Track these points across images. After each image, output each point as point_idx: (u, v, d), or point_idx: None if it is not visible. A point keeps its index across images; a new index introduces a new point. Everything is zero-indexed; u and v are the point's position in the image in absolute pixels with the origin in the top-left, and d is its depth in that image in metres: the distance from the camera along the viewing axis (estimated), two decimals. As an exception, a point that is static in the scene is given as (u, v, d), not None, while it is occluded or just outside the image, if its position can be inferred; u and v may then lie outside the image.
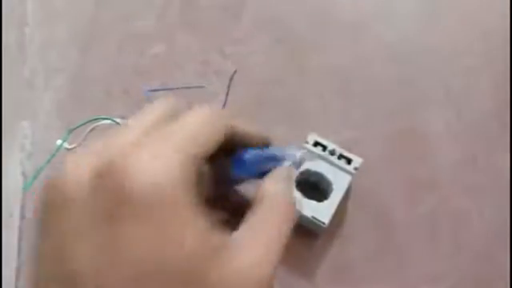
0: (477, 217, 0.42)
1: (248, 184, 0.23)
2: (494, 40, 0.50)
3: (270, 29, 0.50)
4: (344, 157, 0.40)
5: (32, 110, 0.46)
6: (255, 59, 0.48)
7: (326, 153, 0.40)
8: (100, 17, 0.51)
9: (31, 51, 0.49)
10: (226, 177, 0.21)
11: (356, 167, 0.40)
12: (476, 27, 0.50)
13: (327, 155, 0.40)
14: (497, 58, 0.49)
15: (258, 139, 0.22)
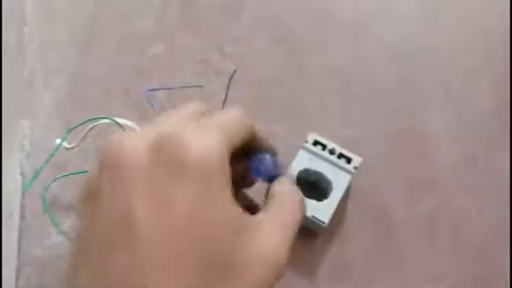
0: (477, 216, 0.42)
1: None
2: (494, 40, 0.50)
3: (270, 28, 0.50)
4: (344, 156, 0.40)
5: (31, 110, 0.46)
6: (255, 59, 0.48)
7: (326, 152, 0.40)
8: (99, 16, 0.51)
9: (30, 51, 0.49)
10: (239, 178, 0.23)
11: (356, 166, 0.40)
12: (476, 27, 0.50)
13: (327, 154, 0.40)
14: (497, 58, 0.49)
15: (271, 147, 0.25)
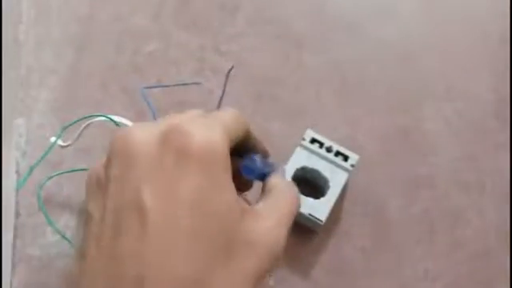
0: (475, 215, 0.42)
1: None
2: (495, 38, 0.50)
3: (267, 26, 0.50)
4: (341, 154, 0.40)
5: (27, 108, 0.46)
6: (252, 56, 0.48)
7: (323, 150, 0.40)
8: (95, 15, 0.51)
9: (26, 49, 0.49)
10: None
11: (353, 164, 0.39)
12: (476, 26, 0.50)
13: (324, 152, 0.40)
14: (497, 57, 0.49)
15: (263, 148, 0.27)
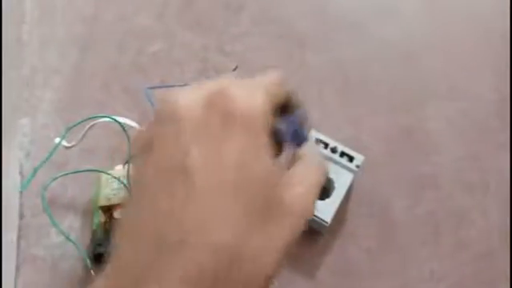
0: (479, 215, 0.41)
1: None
2: (497, 38, 0.49)
3: (271, 25, 0.50)
4: (346, 154, 0.39)
5: (31, 109, 0.46)
6: (256, 56, 0.48)
7: (328, 150, 0.40)
8: (99, 15, 0.51)
9: (30, 49, 0.49)
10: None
11: (358, 165, 0.39)
12: (479, 25, 0.50)
13: (329, 153, 0.39)
14: (500, 56, 0.48)
15: (303, 112, 0.27)
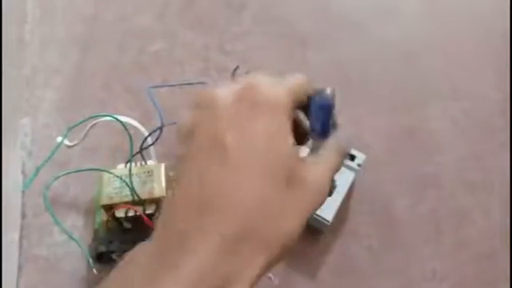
0: (481, 215, 0.41)
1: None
2: (499, 38, 0.49)
3: (273, 24, 0.50)
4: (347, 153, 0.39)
5: (32, 108, 0.46)
6: (257, 55, 0.48)
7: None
8: (100, 14, 0.51)
9: (31, 49, 0.49)
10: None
11: (359, 164, 0.39)
12: (480, 25, 0.50)
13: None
14: (501, 56, 0.48)
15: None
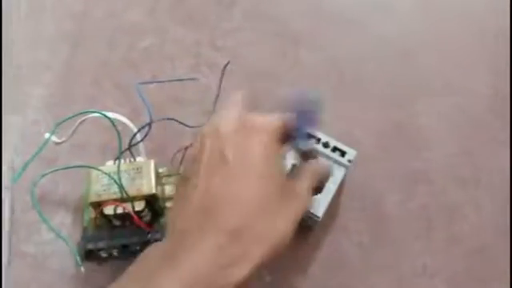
0: (472, 210, 0.41)
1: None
2: (494, 35, 0.49)
3: (264, 21, 0.50)
4: (338, 149, 0.39)
5: (21, 105, 0.45)
6: (248, 51, 0.48)
7: (320, 145, 0.39)
8: (90, 10, 0.51)
9: (20, 46, 0.48)
10: None
11: (350, 160, 0.39)
12: (475, 22, 0.50)
13: (321, 148, 0.39)
14: (496, 53, 0.48)
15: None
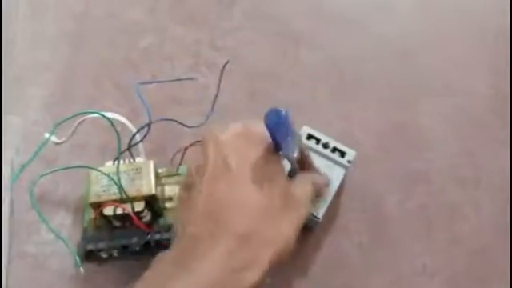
0: (472, 211, 0.41)
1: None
2: (494, 35, 0.49)
3: (264, 20, 0.50)
4: (338, 150, 0.39)
5: (21, 105, 0.45)
6: (248, 51, 0.48)
7: (320, 146, 0.39)
8: (90, 12, 0.51)
9: (20, 46, 0.48)
10: None
11: (350, 160, 0.39)
12: (475, 23, 0.50)
13: (321, 148, 0.39)
14: (494, 53, 0.48)
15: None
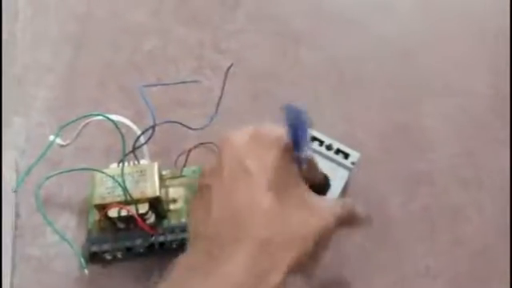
0: (475, 212, 0.41)
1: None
2: (494, 36, 0.49)
3: (267, 22, 0.50)
4: (341, 151, 0.39)
5: (25, 107, 0.45)
6: (251, 53, 0.48)
7: (323, 148, 0.39)
8: (93, 12, 0.51)
9: (23, 47, 0.49)
10: None
11: (353, 162, 0.39)
12: (475, 23, 0.50)
13: (324, 150, 0.39)
14: (495, 53, 0.48)
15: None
